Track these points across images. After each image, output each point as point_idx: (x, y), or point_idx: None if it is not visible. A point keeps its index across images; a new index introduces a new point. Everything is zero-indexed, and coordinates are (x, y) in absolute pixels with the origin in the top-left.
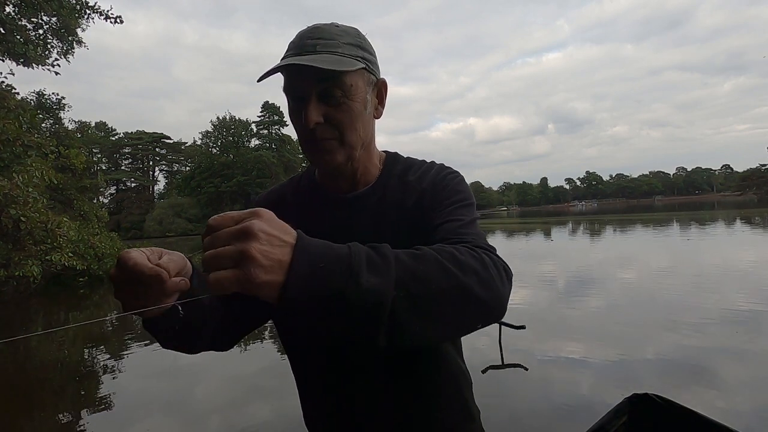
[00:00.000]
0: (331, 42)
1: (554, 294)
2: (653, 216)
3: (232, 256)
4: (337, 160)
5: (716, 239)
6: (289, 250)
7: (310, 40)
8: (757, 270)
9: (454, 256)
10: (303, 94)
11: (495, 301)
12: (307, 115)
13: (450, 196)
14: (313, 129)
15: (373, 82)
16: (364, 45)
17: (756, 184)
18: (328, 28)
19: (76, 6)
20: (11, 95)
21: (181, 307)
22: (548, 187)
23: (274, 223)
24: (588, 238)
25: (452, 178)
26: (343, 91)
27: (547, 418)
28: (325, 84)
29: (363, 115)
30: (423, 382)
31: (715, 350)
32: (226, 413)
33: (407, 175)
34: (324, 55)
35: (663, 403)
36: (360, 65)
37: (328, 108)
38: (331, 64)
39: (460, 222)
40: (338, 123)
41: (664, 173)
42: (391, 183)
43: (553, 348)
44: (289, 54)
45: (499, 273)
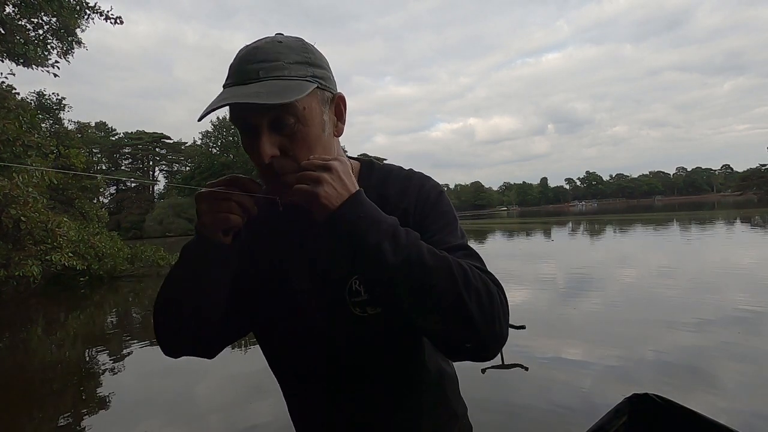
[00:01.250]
0: (275, 64)
1: (554, 294)
2: (653, 216)
3: (311, 178)
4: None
5: (716, 239)
6: (347, 194)
7: (251, 65)
8: (757, 270)
9: (466, 274)
10: (252, 125)
11: (488, 331)
12: (260, 149)
13: (436, 219)
14: (269, 163)
15: (328, 99)
16: (312, 60)
17: (756, 184)
18: (271, 48)
19: (76, 6)
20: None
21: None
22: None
23: (347, 172)
24: (588, 238)
25: (435, 196)
26: (297, 118)
27: (547, 418)
28: (275, 113)
29: (322, 139)
30: (405, 390)
31: (716, 350)
32: (227, 413)
33: (386, 187)
34: (269, 82)
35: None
36: (311, 86)
37: (283, 138)
38: (277, 95)
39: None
40: (296, 154)
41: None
42: (368, 197)
43: (553, 348)
44: (229, 83)
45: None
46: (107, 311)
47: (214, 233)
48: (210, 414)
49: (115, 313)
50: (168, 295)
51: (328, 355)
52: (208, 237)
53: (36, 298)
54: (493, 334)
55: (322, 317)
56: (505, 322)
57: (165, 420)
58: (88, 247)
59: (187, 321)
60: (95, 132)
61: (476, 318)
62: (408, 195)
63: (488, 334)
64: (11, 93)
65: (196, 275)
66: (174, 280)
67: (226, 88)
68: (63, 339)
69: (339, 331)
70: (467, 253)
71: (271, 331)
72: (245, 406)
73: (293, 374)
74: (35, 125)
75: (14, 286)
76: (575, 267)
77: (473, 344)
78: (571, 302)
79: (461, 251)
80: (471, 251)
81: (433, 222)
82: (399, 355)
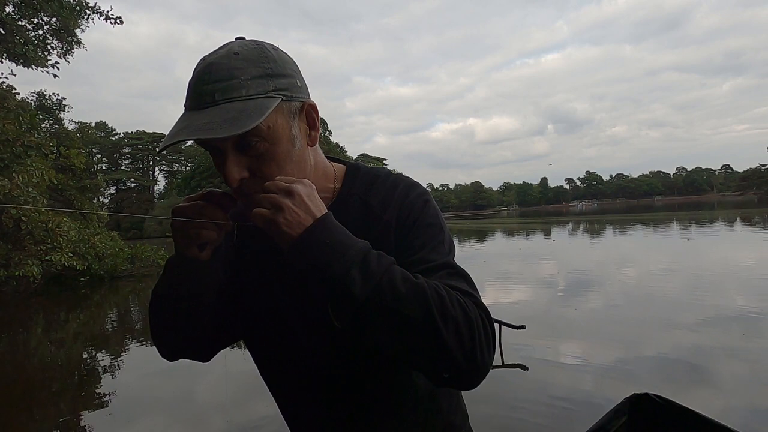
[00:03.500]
0: (231, 83)
1: (554, 294)
2: (653, 216)
3: (272, 202)
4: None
5: (716, 239)
6: (311, 219)
7: (206, 86)
8: (757, 270)
9: (444, 302)
10: (217, 147)
11: (467, 362)
12: (227, 173)
13: (419, 234)
14: (237, 188)
15: (296, 109)
16: (274, 70)
17: (756, 184)
18: (226, 63)
19: (76, 7)
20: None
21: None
22: (548, 187)
23: (311, 196)
24: (588, 238)
25: (420, 207)
26: (262, 137)
27: (547, 418)
28: (238, 136)
29: (292, 154)
30: (393, 402)
31: (716, 350)
32: (227, 412)
33: (369, 195)
34: (226, 105)
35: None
36: (273, 103)
37: (250, 159)
38: (232, 123)
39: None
40: (265, 175)
41: (664, 173)
42: (351, 204)
43: (553, 348)
44: (186, 106)
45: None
46: (107, 311)
47: (187, 249)
48: (210, 413)
49: (115, 313)
50: (155, 306)
51: (312, 367)
52: (183, 253)
53: (36, 298)
54: (472, 364)
55: (304, 329)
56: (487, 351)
57: (165, 419)
58: (88, 247)
59: (173, 330)
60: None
61: (453, 349)
62: (391, 206)
63: (467, 365)
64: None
65: (177, 290)
66: (158, 293)
67: (184, 114)
68: (63, 339)
69: (321, 344)
70: (451, 272)
71: (255, 341)
72: (245, 406)
73: (279, 384)
74: (35, 125)
75: (14, 286)
76: (575, 267)
77: (452, 375)
78: (571, 302)
79: (444, 270)
80: (455, 270)
81: (416, 237)
82: (384, 368)
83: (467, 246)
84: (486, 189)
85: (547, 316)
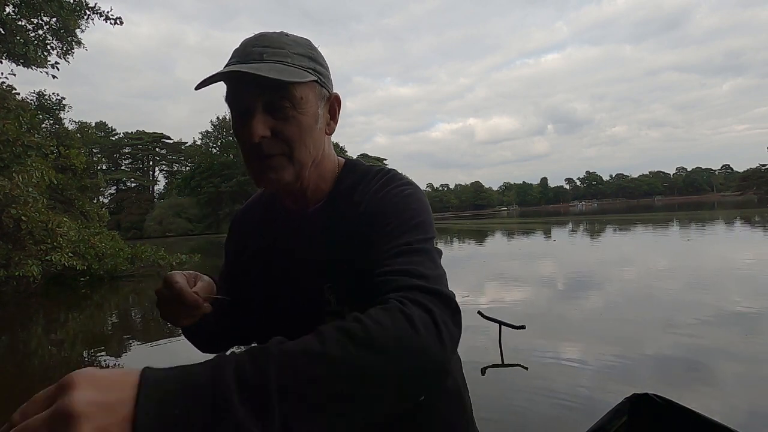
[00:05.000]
0: (279, 51)
1: (554, 294)
2: (653, 216)
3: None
4: (285, 179)
5: (716, 239)
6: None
7: (255, 48)
8: (757, 270)
9: (362, 340)
10: (247, 105)
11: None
12: (251, 127)
13: (388, 223)
14: (258, 143)
15: (325, 96)
16: (315, 57)
17: (756, 184)
18: (277, 37)
19: (76, 7)
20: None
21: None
22: (548, 187)
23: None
24: (588, 238)
25: (394, 194)
26: (292, 104)
27: (547, 418)
28: (271, 95)
29: (314, 130)
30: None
31: (716, 350)
32: None
33: (355, 192)
34: (271, 64)
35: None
36: (311, 77)
37: (276, 121)
38: (278, 73)
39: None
40: (287, 137)
41: (664, 173)
42: (341, 202)
43: (553, 348)
44: (232, 62)
45: (430, 335)
46: (107, 311)
47: (174, 323)
48: None
49: (116, 313)
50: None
51: None
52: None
53: (36, 298)
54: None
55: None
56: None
57: None
58: (89, 247)
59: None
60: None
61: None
62: (368, 198)
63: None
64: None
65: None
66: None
67: (227, 65)
68: (63, 339)
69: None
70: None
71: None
72: None
73: None
74: (35, 125)
75: (14, 286)
76: (575, 267)
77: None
78: (571, 302)
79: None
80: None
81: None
82: None
83: (467, 246)
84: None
85: (547, 315)
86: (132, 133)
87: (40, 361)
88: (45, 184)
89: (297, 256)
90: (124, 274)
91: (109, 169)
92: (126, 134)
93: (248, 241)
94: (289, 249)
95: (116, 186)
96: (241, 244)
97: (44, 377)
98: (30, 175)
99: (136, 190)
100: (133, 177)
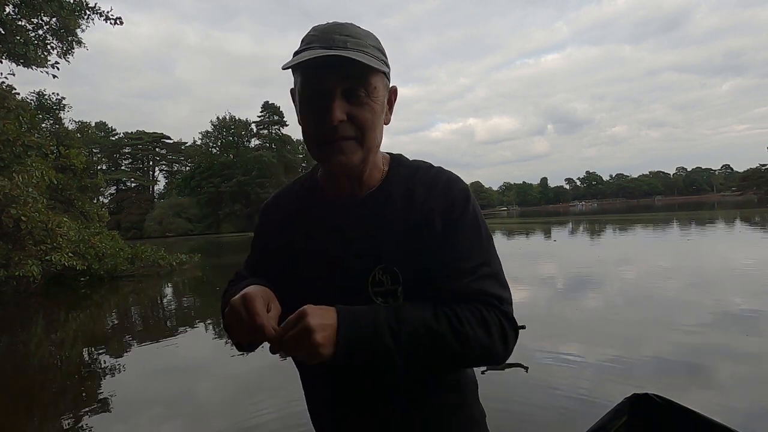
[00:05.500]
0: (360, 41)
1: (554, 294)
2: (653, 216)
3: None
4: (354, 162)
5: (716, 239)
6: (333, 330)
7: (339, 36)
8: (757, 270)
9: (460, 333)
10: (327, 89)
11: (492, 361)
12: (332, 110)
13: (459, 234)
14: (335, 126)
15: (388, 87)
16: (383, 50)
17: (756, 184)
18: (353, 27)
19: (76, 7)
20: (11, 95)
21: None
22: (548, 187)
23: (319, 313)
24: (588, 238)
25: (461, 205)
26: (367, 92)
27: (547, 418)
28: (352, 81)
29: (380, 118)
30: (424, 391)
31: (716, 350)
32: (227, 411)
33: (413, 183)
34: (358, 53)
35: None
36: (385, 68)
37: (351, 107)
38: (369, 62)
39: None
40: (360, 122)
41: (664, 173)
42: (395, 189)
43: (553, 348)
44: (315, 46)
45: (503, 340)
46: (107, 311)
47: (238, 340)
48: (210, 413)
49: (116, 313)
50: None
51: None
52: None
53: (36, 298)
54: (493, 361)
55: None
56: (503, 348)
57: (165, 419)
58: (89, 247)
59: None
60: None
61: (476, 361)
62: (434, 195)
63: (490, 362)
64: (11, 93)
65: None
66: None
67: (312, 49)
68: (63, 339)
69: None
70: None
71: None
72: (245, 405)
73: (314, 375)
74: (35, 125)
75: (14, 286)
76: (575, 267)
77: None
78: (572, 302)
79: (476, 274)
80: (487, 271)
81: (456, 237)
82: None
83: None
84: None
85: (547, 315)
86: (132, 133)
87: (40, 361)
88: (45, 184)
89: (346, 238)
90: (124, 274)
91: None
92: (126, 134)
93: (286, 228)
94: (336, 232)
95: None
96: (278, 232)
97: (44, 377)
98: (30, 175)
99: (136, 190)
100: (133, 177)
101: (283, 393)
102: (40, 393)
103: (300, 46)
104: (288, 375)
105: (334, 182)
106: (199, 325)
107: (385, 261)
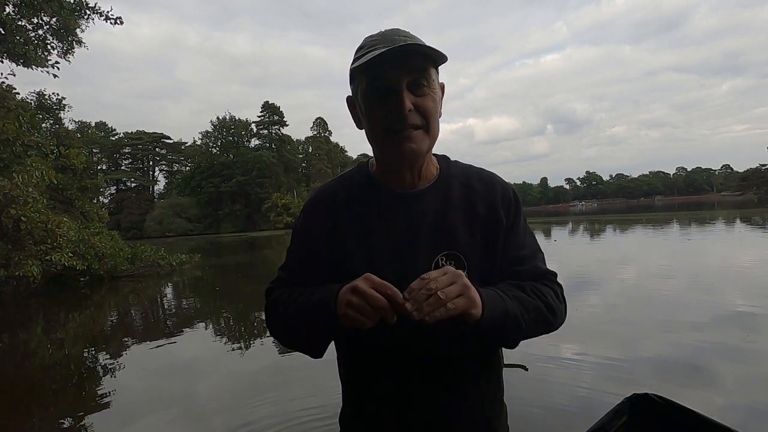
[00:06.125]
0: (417, 38)
1: None
2: (653, 216)
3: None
4: (422, 149)
5: (716, 239)
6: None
7: (398, 37)
8: (757, 270)
9: (550, 305)
10: (393, 83)
11: (559, 326)
12: (402, 101)
13: (522, 234)
14: (405, 115)
15: (439, 82)
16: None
17: (756, 184)
18: (405, 31)
19: (76, 7)
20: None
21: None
22: (548, 187)
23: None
24: (588, 238)
25: (516, 202)
26: (428, 83)
27: (546, 419)
28: (415, 75)
29: (439, 109)
30: (475, 376)
31: (716, 350)
32: (227, 411)
33: (467, 179)
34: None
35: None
36: (445, 56)
37: (416, 98)
38: (432, 49)
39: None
40: (425, 111)
41: (664, 173)
42: (453, 183)
43: (553, 348)
44: (380, 47)
45: (565, 308)
46: (107, 311)
47: (347, 323)
48: (210, 413)
49: (116, 313)
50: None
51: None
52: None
53: (36, 298)
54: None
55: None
56: (566, 312)
57: (165, 419)
58: (89, 247)
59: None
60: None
61: (557, 326)
62: (494, 191)
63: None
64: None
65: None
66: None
67: (377, 50)
68: (63, 339)
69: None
70: (541, 265)
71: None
72: (245, 405)
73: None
74: (35, 125)
75: (14, 286)
76: (576, 267)
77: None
78: (572, 302)
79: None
80: (542, 260)
81: (518, 234)
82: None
83: None
84: None
85: None
86: (132, 133)
87: (40, 361)
88: (45, 184)
89: (405, 227)
90: (124, 274)
91: (109, 169)
92: (126, 134)
93: (346, 221)
94: (400, 222)
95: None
96: (335, 225)
97: (44, 377)
98: (30, 175)
99: (136, 190)
100: (133, 177)
101: (283, 392)
102: (40, 393)
103: (360, 53)
104: (288, 375)
105: (394, 175)
106: (198, 325)
107: (450, 248)
